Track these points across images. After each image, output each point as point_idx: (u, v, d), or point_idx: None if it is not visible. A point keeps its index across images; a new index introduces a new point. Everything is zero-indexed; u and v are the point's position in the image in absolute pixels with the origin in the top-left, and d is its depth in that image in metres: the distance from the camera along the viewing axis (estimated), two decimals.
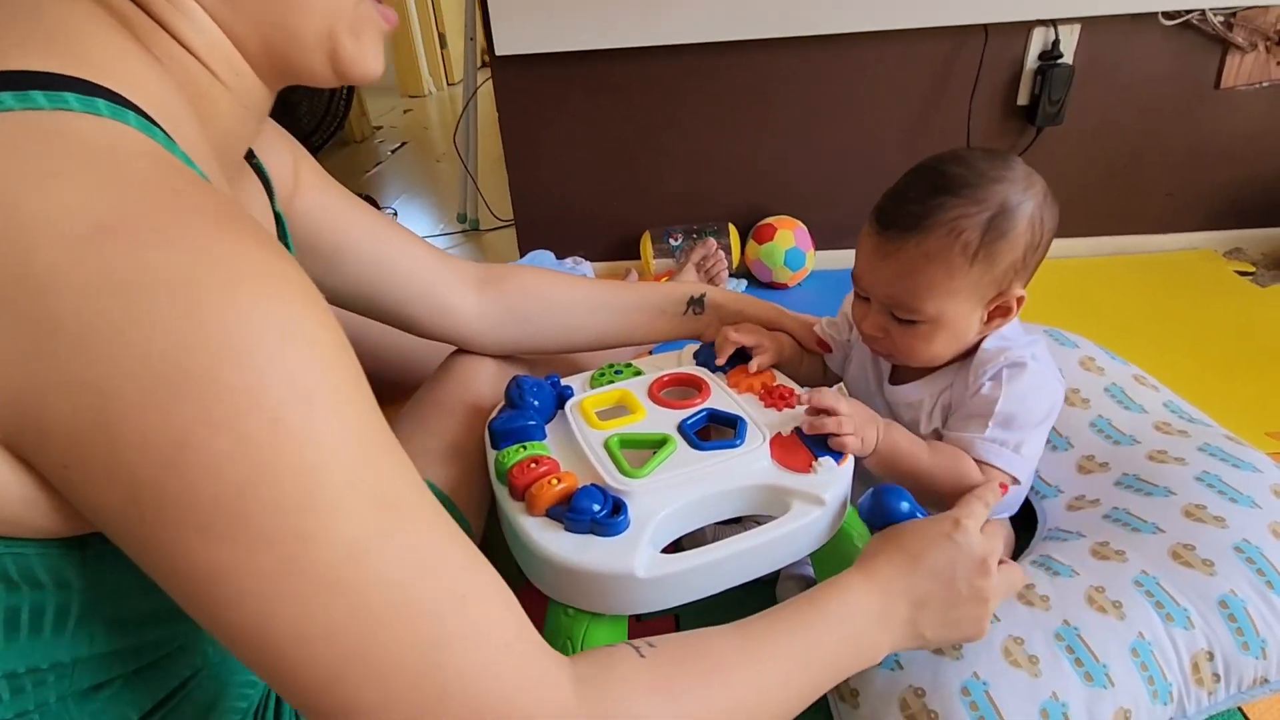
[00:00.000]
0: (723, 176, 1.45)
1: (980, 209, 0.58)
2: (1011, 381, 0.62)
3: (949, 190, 0.59)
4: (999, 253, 0.58)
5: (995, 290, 0.60)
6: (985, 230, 0.58)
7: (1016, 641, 0.57)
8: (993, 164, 0.59)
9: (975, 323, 0.62)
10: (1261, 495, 0.65)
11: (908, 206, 0.60)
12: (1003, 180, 0.59)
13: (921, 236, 0.59)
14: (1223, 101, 1.31)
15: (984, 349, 0.64)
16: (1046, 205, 0.60)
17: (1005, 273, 0.60)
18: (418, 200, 2.15)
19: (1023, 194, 0.59)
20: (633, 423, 0.66)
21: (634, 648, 0.42)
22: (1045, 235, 0.61)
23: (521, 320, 0.78)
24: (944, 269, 0.59)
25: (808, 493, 0.58)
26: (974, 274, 0.59)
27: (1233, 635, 0.56)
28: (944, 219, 0.58)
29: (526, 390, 0.68)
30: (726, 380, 0.72)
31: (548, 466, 0.60)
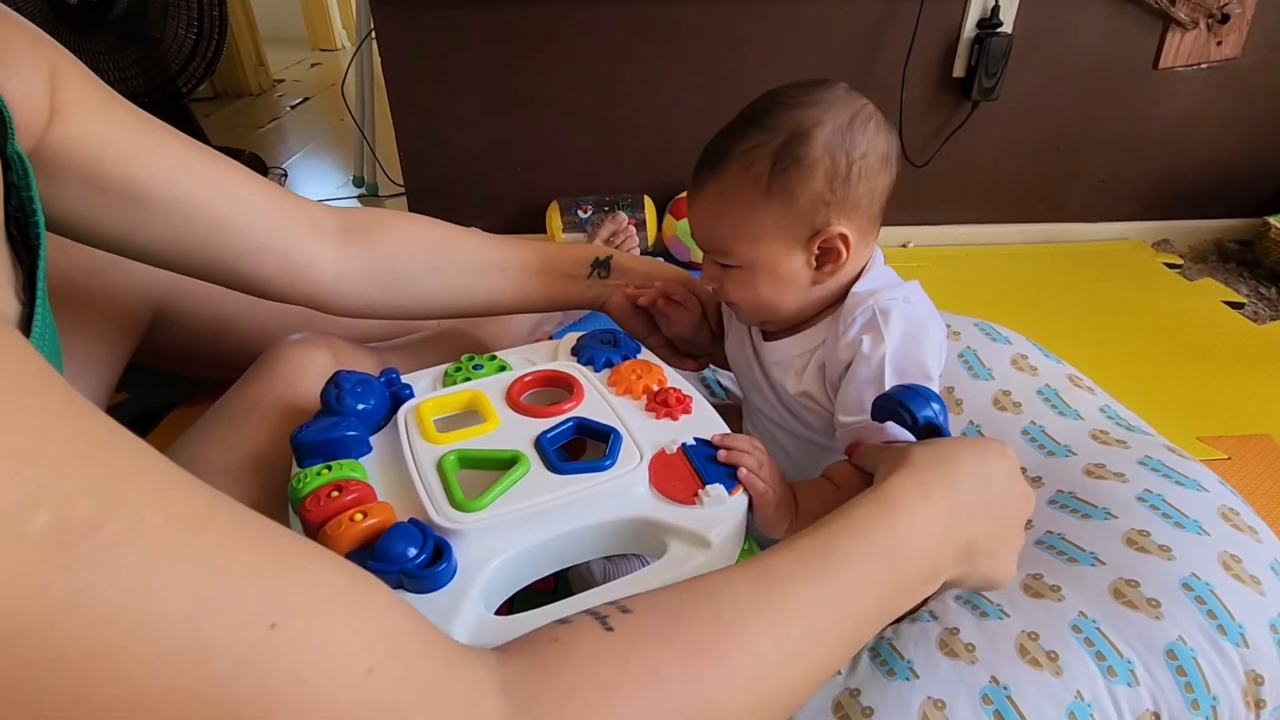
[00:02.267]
0: (639, 143, 1.32)
1: (772, 137, 0.53)
2: (889, 328, 0.53)
3: (750, 121, 0.54)
4: (794, 182, 0.52)
5: (808, 229, 0.54)
6: (776, 159, 0.52)
7: (937, 705, 0.47)
8: (805, 91, 0.54)
9: (800, 267, 0.55)
10: (1209, 519, 0.57)
11: (717, 140, 0.56)
12: (801, 105, 0.53)
13: (720, 171, 0.54)
14: (1160, 82, 1.26)
15: (852, 294, 0.56)
16: (855, 129, 0.53)
17: (812, 206, 0.53)
18: (314, 161, 1.94)
19: (820, 116, 0.52)
20: (479, 435, 0.52)
21: (598, 618, 0.33)
22: (856, 162, 0.53)
23: (394, 280, 0.63)
24: (742, 205, 0.54)
25: (689, 530, 0.46)
26: (773, 209, 0.53)
27: (1181, 692, 0.48)
28: (739, 149, 0.53)
29: (347, 390, 0.53)
30: (606, 380, 0.59)
31: (355, 494, 0.46)
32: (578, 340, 0.64)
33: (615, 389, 0.58)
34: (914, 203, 1.36)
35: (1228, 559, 0.54)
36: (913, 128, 1.28)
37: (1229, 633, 0.50)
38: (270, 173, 1.82)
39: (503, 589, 0.45)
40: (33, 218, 0.41)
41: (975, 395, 0.73)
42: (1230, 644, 0.49)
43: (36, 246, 0.42)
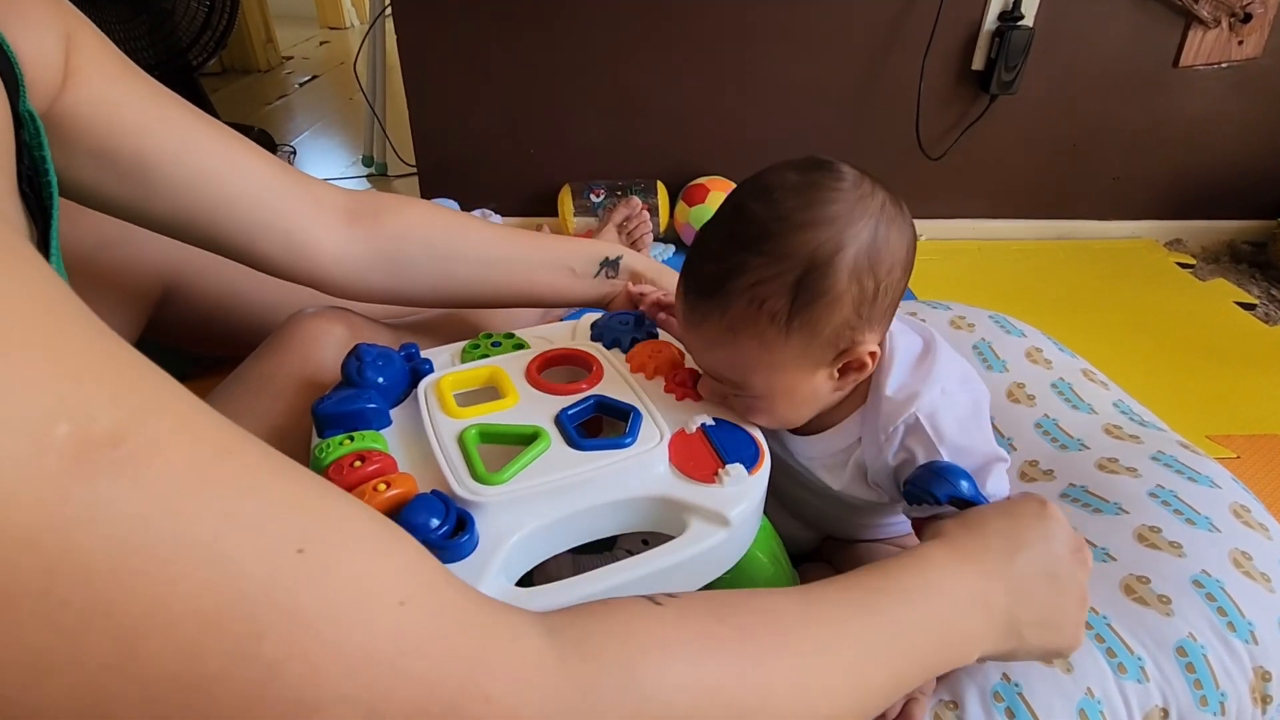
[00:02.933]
0: (653, 128, 1.31)
1: (782, 269, 0.44)
2: (940, 436, 0.48)
3: (746, 245, 0.45)
4: (818, 316, 0.45)
5: (833, 351, 0.48)
6: (794, 295, 0.45)
7: (949, 706, 0.47)
8: (804, 199, 0.45)
9: (823, 383, 0.49)
10: (1221, 516, 0.57)
11: (706, 265, 0.47)
12: (815, 225, 0.44)
13: (722, 307, 0.46)
14: (1180, 81, 1.25)
15: (885, 398, 0.50)
16: (879, 244, 0.45)
17: (838, 334, 0.46)
18: (322, 140, 1.93)
19: (839, 238, 0.44)
20: (500, 410, 0.52)
21: (648, 599, 0.32)
22: (883, 280, 0.46)
23: (398, 265, 0.63)
24: (756, 342, 0.46)
25: (709, 509, 0.46)
26: (794, 344, 0.46)
27: (1190, 689, 0.48)
28: (742, 285, 0.45)
29: (368, 363, 0.54)
30: (626, 360, 0.59)
31: (377, 465, 0.46)
32: (596, 320, 0.64)
33: (634, 369, 0.58)
34: (927, 195, 1.36)
35: (1238, 556, 0.54)
36: (929, 119, 1.27)
37: (1239, 629, 0.50)
38: (279, 150, 1.81)
39: (523, 562, 0.45)
40: (45, 178, 0.41)
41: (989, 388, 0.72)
42: (1240, 641, 0.50)
43: (49, 206, 0.42)
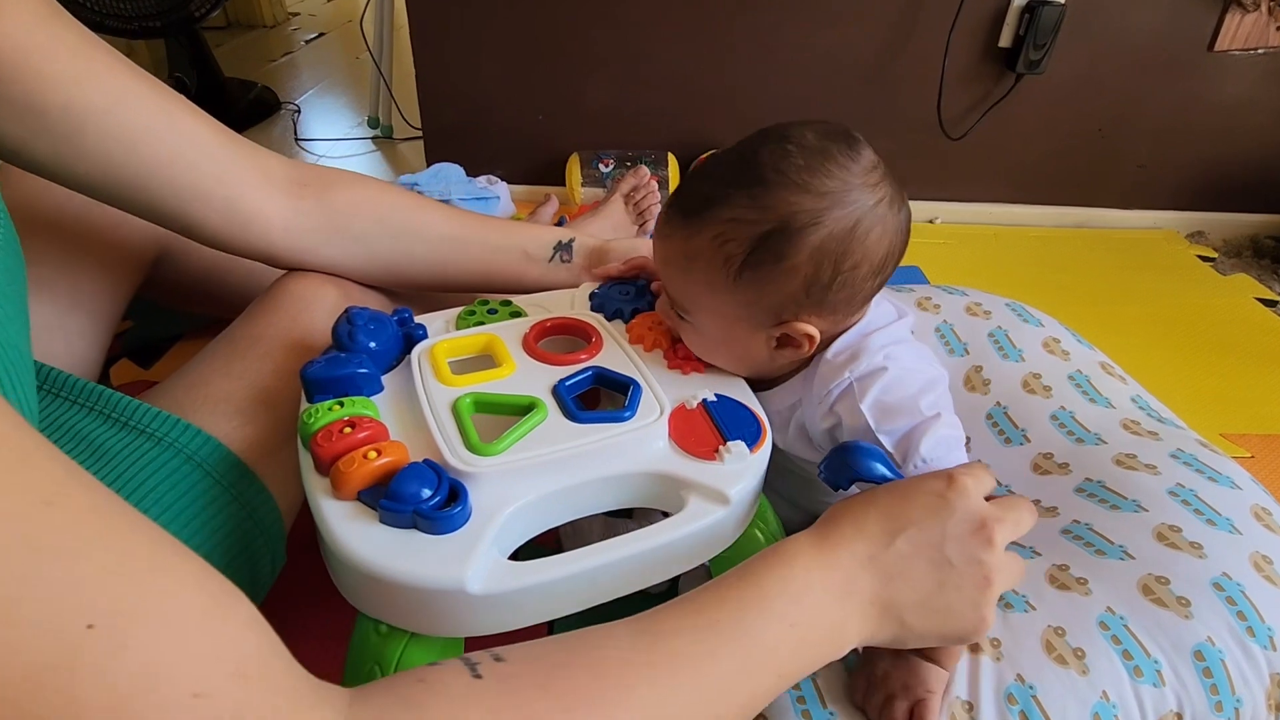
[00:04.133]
0: (665, 97, 1.27)
1: (758, 218, 0.44)
2: (867, 392, 0.47)
3: (740, 182, 0.45)
4: (766, 279, 0.45)
5: (773, 318, 0.47)
6: (752, 247, 0.45)
7: (965, 707, 0.46)
8: (811, 162, 0.44)
9: (760, 347, 0.49)
10: (1242, 518, 0.55)
11: (699, 184, 0.48)
12: (806, 190, 0.43)
13: (692, 231, 0.47)
14: (1214, 66, 1.20)
15: (823, 360, 0.50)
16: (856, 236, 0.44)
17: (780, 304, 0.46)
18: (327, 99, 1.89)
19: (821, 215, 0.44)
20: (495, 379, 0.50)
21: (469, 665, 0.30)
22: (843, 273, 0.45)
23: (352, 240, 0.60)
24: (705, 279, 0.47)
25: (709, 486, 0.45)
26: (739, 294, 0.46)
27: (1206, 694, 0.46)
28: (718, 217, 0.45)
29: (359, 327, 0.51)
30: (626, 332, 0.57)
31: (368, 433, 0.44)
32: (596, 290, 0.62)
33: (634, 340, 0.56)
34: (945, 177, 1.32)
35: (1259, 559, 0.52)
36: (951, 97, 1.23)
37: (1258, 634, 0.48)
38: (283, 109, 1.77)
39: (517, 535, 0.43)
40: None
41: (1004, 376, 0.71)
42: (1259, 646, 0.48)
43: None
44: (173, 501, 0.44)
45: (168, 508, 0.44)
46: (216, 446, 0.48)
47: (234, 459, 0.48)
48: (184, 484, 0.45)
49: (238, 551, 0.48)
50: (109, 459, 0.45)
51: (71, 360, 0.60)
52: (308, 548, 0.47)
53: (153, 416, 0.47)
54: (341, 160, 1.56)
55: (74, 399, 0.47)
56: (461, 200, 1.18)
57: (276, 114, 1.75)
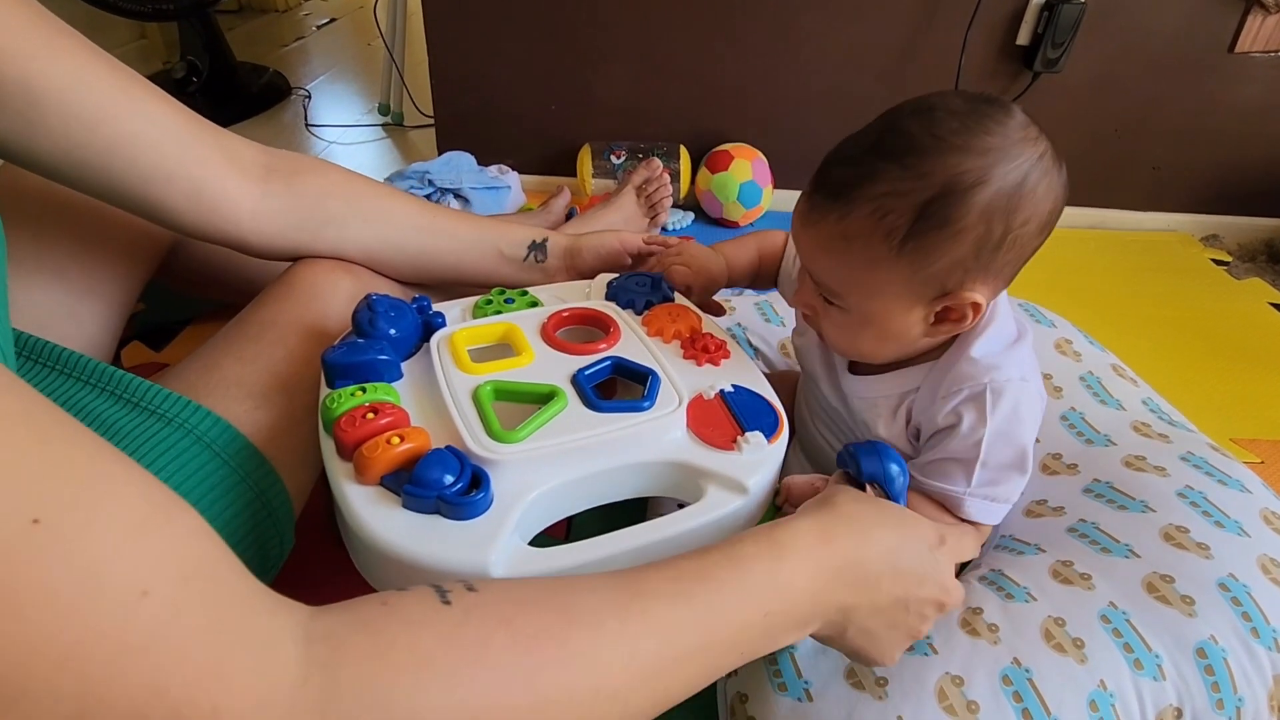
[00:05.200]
0: (679, 90, 1.27)
1: (918, 186, 0.43)
2: (996, 412, 0.47)
3: (891, 154, 0.44)
4: (933, 246, 0.44)
5: (937, 290, 0.46)
6: (917, 216, 0.43)
7: (955, 682, 0.46)
8: (965, 123, 0.43)
9: (916, 324, 0.48)
10: (1250, 521, 0.55)
11: (839, 168, 0.46)
12: (967, 150, 0.43)
13: (844, 210, 0.45)
14: (1234, 67, 1.20)
15: (969, 358, 0.49)
16: (1025, 191, 0.43)
17: (947, 271, 0.45)
18: (338, 85, 1.89)
19: (987, 172, 0.43)
20: (515, 368, 0.51)
21: (439, 591, 0.30)
22: (1014, 231, 0.44)
23: (323, 225, 0.60)
24: (864, 257, 0.46)
25: (727, 476, 0.45)
26: (902, 267, 0.45)
27: (1207, 691, 0.47)
28: (872, 193, 0.44)
29: (380, 314, 0.52)
30: (642, 324, 0.57)
31: (390, 419, 0.45)
32: (612, 280, 0.63)
33: (651, 332, 0.56)
34: None
35: (1267, 562, 0.52)
36: None
37: (1262, 636, 0.49)
38: (293, 94, 1.77)
39: (538, 522, 0.44)
40: None
41: None
42: (1263, 647, 0.48)
43: None
44: (182, 482, 0.45)
45: (177, 488, 0.45)
46: (228, 429, 0.48)
47: (246, 442, 0.49)
48: (193, 465, 0.46)
49: (247, 534, 0.48)
50: (120, 437, 0.45)
51: (84, 346, 0.60)
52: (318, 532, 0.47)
53: (165, 398, 0.47)
54: (352, 147, 1.56)
55: (85, 379, 0.48)
56: (473, 189, 1.18)
57: (287, 99, 1.75)
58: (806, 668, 0.49)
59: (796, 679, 0.48)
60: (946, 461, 0.49)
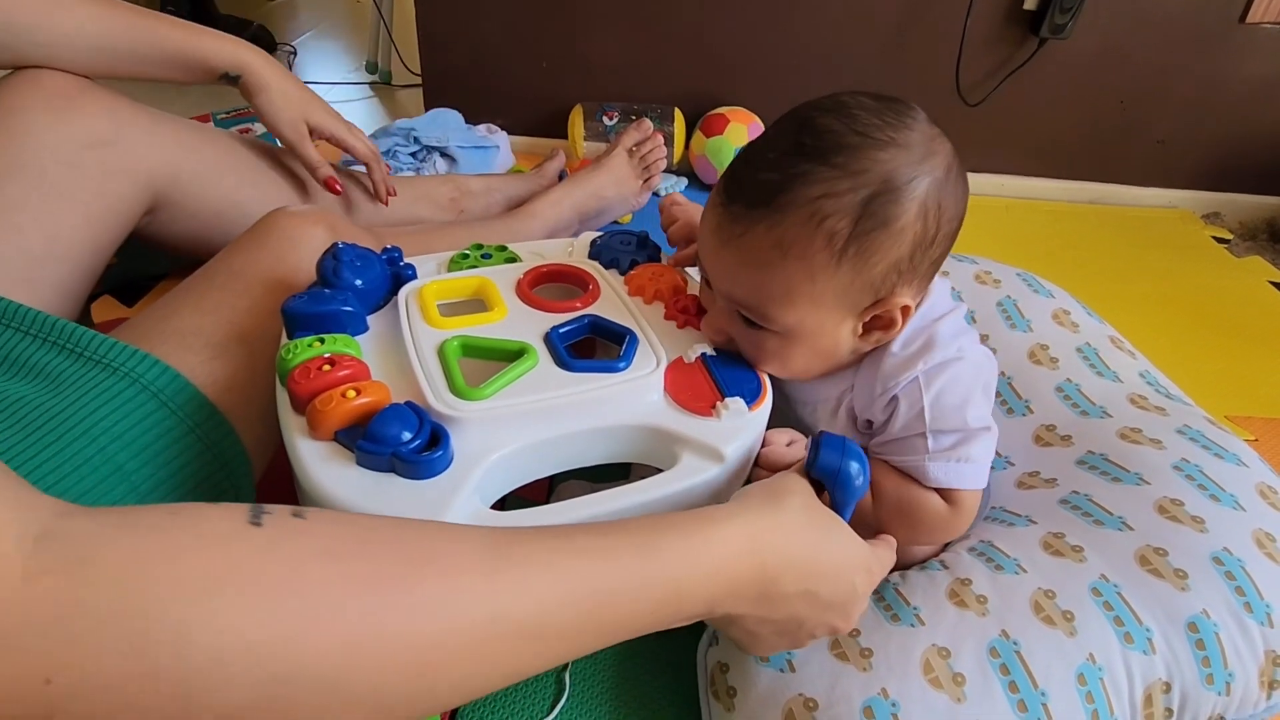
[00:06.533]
0: (675, 51, 1.23)
1: (855, 185, 0.41)
2: (930, 392, 0.46)
3: (817, 154, 0.41)
4: (876, 247, 0.42)
5: (871, 296, 0.44)
6: (859, 216, 0.41)
7: (941, 653, 0.45)
8: (885, 118, 0.42)
9: (846, 336, 0.46)
10: (1246, 495, 0.53)
11: (761, 173, 0.43)
12: (893, 145, 0.41)
13: (775, 218, 0.42)
14: (1244, 38, 1.16)
15: (890, 354, 0.47)
16: (949, 185, 0.43)
17: (884, 276, 0.43)
18: (325, 42, 1.83)
19: (918, 165, 0.42)
20: (486, 323, 0.48)
21: (255, 512, 0.26)
22: (943, 228, 0.43)
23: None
24: (802, 266, 0.42)
25: (704, 443, 0.43)
26: (842, 275, 0.42)
27: (1198, 666, 0.46)
28: (805, 195, 0.41)
29: (345, 263, 0.49)
30: (625, 283, 0.55)
31: (349, 371, 0.43)
32: (596, 239, 0.60)
33: (633, 292, 0.54)
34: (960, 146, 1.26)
35: (1262, 536, 0.51)
36: (971, 61, 1.18)
37: (1255, 610, 0.47)
38: (279, 49, 1.72)
39: (500, 485, 0.42)
40: None
41: (1010, 347, 0.69)
42: (1255, 622, 0.47)
43: None
44: (126, 430, 0.43)
45: (118, 437, 0.43)
46: (176, 378, 0.46)
47: (198, 394, 0.47)
48: (138, 414, 0.44)
49: (195, 486, 0.46)
50: (62, 386, 0.43)
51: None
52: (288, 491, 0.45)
53: (109, 347, 0.45)
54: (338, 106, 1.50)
55: (23, 329, 0.45)
56: (460, 148, 1.14)
57: (273, 55, 1.70)
58: None
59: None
60: (899, 440, 0.47)
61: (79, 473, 0.41)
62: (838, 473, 0.41)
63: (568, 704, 0.52)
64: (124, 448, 0.42)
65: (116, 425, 0.43)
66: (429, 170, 1.12)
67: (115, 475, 0.42)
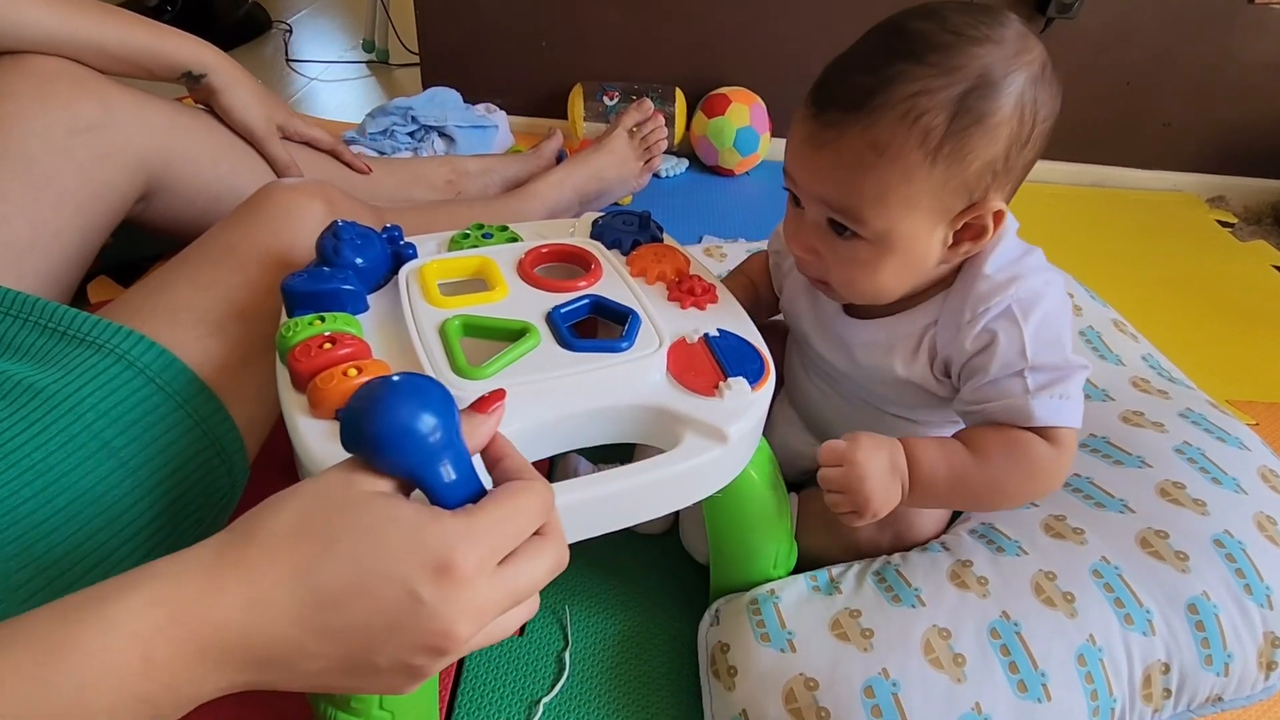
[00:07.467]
0: (676, 30, 1.21)
1: (950, 81, 0.41)
2: (1029, 322, 0.45)
3: (911, 54, 0.41)
4: (972, 145, 0.42)
5: (965, 200, 0.43)
6: (955, 112, 0.41)
7: (942, 634, 0.45)
8: (976, 19, 0.42)
9: (936, 245, 0.45)
10: (1248, 478, 0.54)
11: (854, 77, 0.43)
12: (987, 41, 0.41)
13: (870, 119, 0.42)
14: (1253, 19, 1.15)
15: (983, 276, 0.46)
16: (1044, 83, 0.42)
17: (979, 175, 0.43)
18: (321, 20, 1.81)
19: (1013, 60, 0.41)
20: (487, 303, 0.48)
21: None
22: (1039, 126, 0.43)
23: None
24: (897, 166, 0.42)
25: (706, 423, 0.43)
26: (937, 175, 0.42)
27: (1197, 647, 0.46)
28: (900, 94, 0.41)
29: (346, 241, 0.49)
30: (627, 263, 0.54)
31: (350, 350, 0.42)
32: (598, 219, 0.59)
33: (635, 272, 0.53)
34: None
35: (1263, 519, 0.51)
36: None
37: (1255, 592, 0.47)
38: (274, 28, 1.70)
39: None
40: None
41: None
42: (1255, 604, 0.47)
43: None
44: (112, 408, 0.42)
45: (105, 414, 0.42)
46: (161, 354, 0.45)
47: (186, 371, 0.46)
48: (124, 390, 0.43)
49: (184, 464, 0.46)
50: (46, 364, 0.43)
51: None
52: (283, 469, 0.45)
53: (93, 325, 0.44)
54: (334, 85, 1.50)
55: (11, 312, 0.45)
56: (458, 127, 1.13)
57: (267, 33, 1.68)
58: (790, 618, 0.47)
59: (780, 629, 0.47)
60: (998, 381, 0.46)
61: (65, 449, 0.41)
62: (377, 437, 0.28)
63: (568, 683, 0.53)
64: (110, 424, 0.42)
65: (103, 402, 0.42)
66: (427, 150, 1.11)
67: (103, 452, 0.42)
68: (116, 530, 0.42)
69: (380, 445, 0.29)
